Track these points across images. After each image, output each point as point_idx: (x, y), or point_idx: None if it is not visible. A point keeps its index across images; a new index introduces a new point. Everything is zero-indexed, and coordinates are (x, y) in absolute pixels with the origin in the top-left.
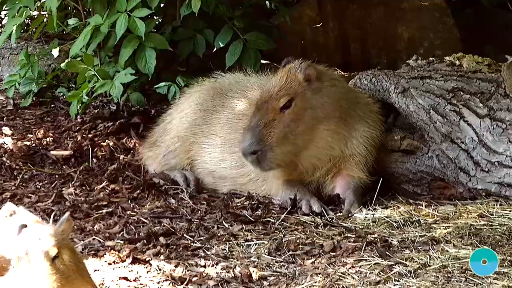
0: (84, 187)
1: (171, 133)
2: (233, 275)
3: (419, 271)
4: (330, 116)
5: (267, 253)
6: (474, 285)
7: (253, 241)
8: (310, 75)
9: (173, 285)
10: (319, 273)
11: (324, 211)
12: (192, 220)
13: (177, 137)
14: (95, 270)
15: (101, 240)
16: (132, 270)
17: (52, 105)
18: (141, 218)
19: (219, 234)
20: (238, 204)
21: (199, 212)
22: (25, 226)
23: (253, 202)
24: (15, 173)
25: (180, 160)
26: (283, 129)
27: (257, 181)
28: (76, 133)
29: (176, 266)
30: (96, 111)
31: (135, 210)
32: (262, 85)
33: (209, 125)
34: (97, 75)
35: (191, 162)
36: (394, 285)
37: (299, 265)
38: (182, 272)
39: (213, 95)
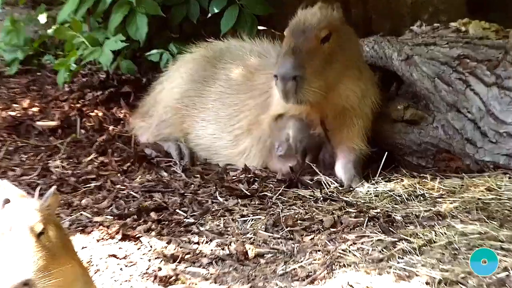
0: (71, 160)
1: (162, 102)
2: (228, 253)
3: (424, 248)
4: (354, 65)
5: (263, 229)
6: None
7: (249, 216)
8: (342, 16)
9: (165, 263)
10: (319, 250)
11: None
12: (185, 194)
13: (169, 106)
14: (82, 247)
15: (89, 216)
16: (121, 247)
17: (38, 74)
18: (131, 192)
19: (213, 209)
20: (233, 178)
21: (193, 186)
22: (9, 201)
23: (249, 176)
24: None
25: (174, 130)
26: (322, 61)
27: (253, 156)
28: (64, 103)
29: (168, 243)
30: (84, 79)
31: (125, 183)
32: (260, 52)
33: (201, 98)
34: (86, 42)
35: (184, 134)
36: (397, 263)
37: (297, 241)
38: (175, 249)
39: (205, 64)
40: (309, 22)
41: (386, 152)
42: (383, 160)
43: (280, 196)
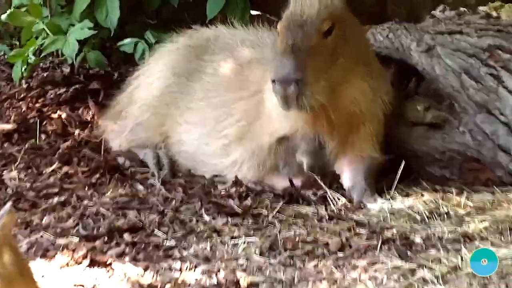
0: (30, 170)
1: (138, 101)
2: (216, 282)
3: (448, 276)
4: (361, 59)
5: (258, 254)
6: None
7: (241, 238)
8: (344, 2)
9: None
10: (324, 279)
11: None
12: (165, 211)
13: (146, 105)
14: (43, 275)
15: (52, 237)
16: (89, 275)
17: None
18: (101, 209)
19: (198, 230)
20: (222, 192)
21: (174, 201)
22: None
23: (241, 190)
24: None
25: (152, 135)
26: (326, 58)
27: (247, 170)
28: (21, 102)
29: (145, 270)
30: (45, 74)
31: (94, 199)
32: (253, 41)
33: (185, 95)
34: (47, 30)
35: (164, 139)
36: None
37: (298, 268)
38: (153, 277)
39: (189, 55)
40: (308, 14)
41: (403, 162)
42: (399, 171)
43: (277, 214)
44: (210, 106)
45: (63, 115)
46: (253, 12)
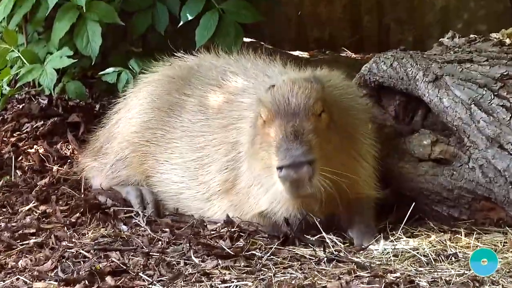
0: (4, 209)
1: (119, 136)
2: None
3: None
4: (347, 131)
5: None
6: None
7: (233, 282)
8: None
9: None
10: None
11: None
12: (151, 253)
13: (126, 141)
14: None
15: (28, 281)
16: None
17: None
18: (82, 251)
19: (186, 273)
20: (212, 232)
21: (160, 242)
22: None
23: (232, 230)
24: None
25: (133, 173)
26: (327, 137)
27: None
28: None
29: None
30: (20, 106)
31: (74, 240)
32: (242, 72)
33: (165, 131)
34: (23, 58)
35: (146, 178)
36: None
37: None
38: None
39: (170, 87)
40: (298, 101)
41: (411, 201)
42: (408, 213)
43: (272, 256)
44: (191, 147)
45: (40, 150)
46: (246, 39)
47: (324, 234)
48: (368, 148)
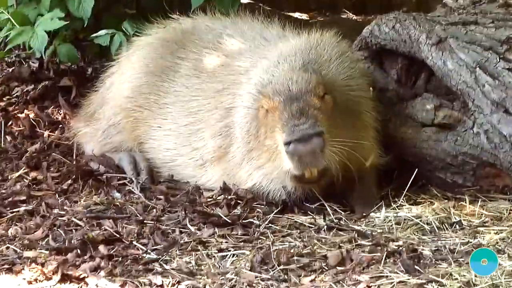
0: None
1: (111, 101)
2: None
3: None
4: (350, 106)
5: (248, 268)
6: None
7: (230, 251)
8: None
9: None
10: None
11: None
12: (145, 221)
13: (118, 107)
14: None
15: (18, 250)
16: None
17: None
18: (74, 219)
19: (182, 242)
20: (208, 200)
21: (155, 210)
22: None
23: (229, 197)
24: None
25: (125, 138)
26: (334, 116)
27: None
28: None
29: (122, 286)
30: (10, 69)
31: (65, 208)
32: (240, 35)
33: (158, 96)
34: (12, 20)
35: (138, 144)
36: None
37: (293, 284)
38: None
39: (163, 51)
40: (299, 87)
41: (416, 169)
42: (411, 179)
43: (270, 224)
44: (184, 112)
45: (31, 115)
46: (244, 1)
47: (323, 201)
48: (371, 119)
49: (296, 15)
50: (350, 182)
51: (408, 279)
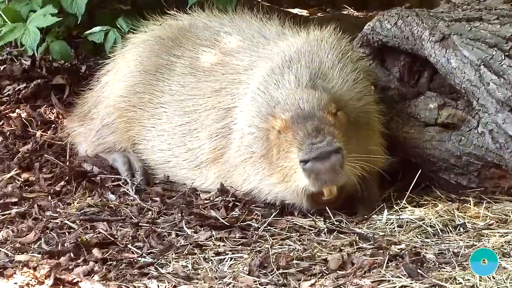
0: None
1: (105, 101)
2: None
3: None
4: (360, 118)
5: (246, 272)
6: None
7: (227, 254)
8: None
9: None
10: None
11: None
12: (140, 224)
13: (111, 106)
14: None
15: (10, 253)
16: None
17: None
18: (67, 222)
19: (178, 245)
20: (206, 202)
21: (150, 213)
22: None
23: (227, 199)
24: None
25: (119, 139)
26: (348, 133)
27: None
28: None
29: None
30: (2, 67)
31: (58, 210)
32: (238, 32)
33: (153, 96)
34: (4, 17)
35: (132, 145)
36: None
37: None
38: None
39: (159, 48)
40: (312, 105)
41: (419, 170)
42: (414, 180)
43: (269, 227)
44: (179, 111)
45: (23, 114)
46: None
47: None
48: (377, 123)
49: (296, 11)
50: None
51: (411, 283)
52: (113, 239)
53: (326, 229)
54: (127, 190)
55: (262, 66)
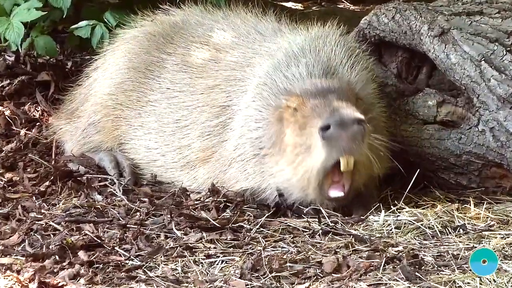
0: None
1: (92, 99)
2: None
3: None
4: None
5: (238, 275)
6: None
7: (218, 257)
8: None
9: None
10: None
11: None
12: (128, 226)
13: (98, 104)
14: None
15: None
16: None
17: None
18: (52, 223)
19: (167, 247)
20: (196, 202)
21: (138, 214)
22: None
23: (218, 199)
24: None
25: (106, 138)
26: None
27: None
28: None
29: None
30: None
31: (43, 211)
32: (233, 28)
33: (141, 94)
34: None
35: (119, 145)
36: None
37: None
38: None
39: (149, 45)
40: (331, 84)
41: (418, 170)
42: (412, 180)
43: (262, 229)
44: (168, 109)
45: (6, 112)
46: None
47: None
48: (382, 122)
49: (290, 4)
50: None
51: (409, 286)
52: (99, 241)
53: (320, 231)
54: (115, 190)
55: (263, 62)
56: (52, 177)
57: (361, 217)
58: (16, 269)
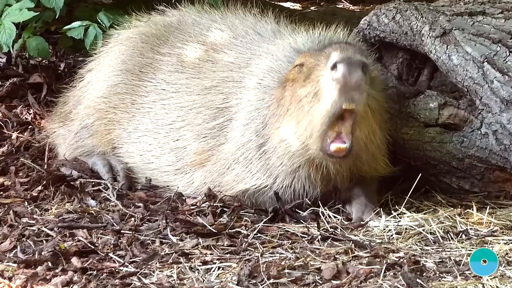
0: None
1: (84, 101)
2: None
3: None
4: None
5: (235, 282)
6: None
7: (215, 263)
8: None
9: None
10: None
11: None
12: (122, 231)
13: (91, 107)
14: None
15: None
16: None
17: None
18: (44, 229)
19: (163, 253)
20: (192, 207)
21: (133, 219)
22: None
23: (214, 204)
24: None
25: (98, 142)
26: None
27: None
28: None
29: None
30: None
31: (35, 216)
32: (229, 28)
33: (135, 96)
34: None
35: (112, 149)
36: None
37: None
38: None
39: (143, 46)
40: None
41: (419, 174)
42: (413, 185)
43: (259, 234)
44: (162, 110)
45: None
46: None
47: (319, 208)
48: (384, 124)
49: (288, 4)
50: (348, 187)
51: None
52: (93, 247)
53: (319, 236)
54: (108, 195)
55: (263, 62)
56: (45, 182)
57: (361, 222)
58: (8, 276)
